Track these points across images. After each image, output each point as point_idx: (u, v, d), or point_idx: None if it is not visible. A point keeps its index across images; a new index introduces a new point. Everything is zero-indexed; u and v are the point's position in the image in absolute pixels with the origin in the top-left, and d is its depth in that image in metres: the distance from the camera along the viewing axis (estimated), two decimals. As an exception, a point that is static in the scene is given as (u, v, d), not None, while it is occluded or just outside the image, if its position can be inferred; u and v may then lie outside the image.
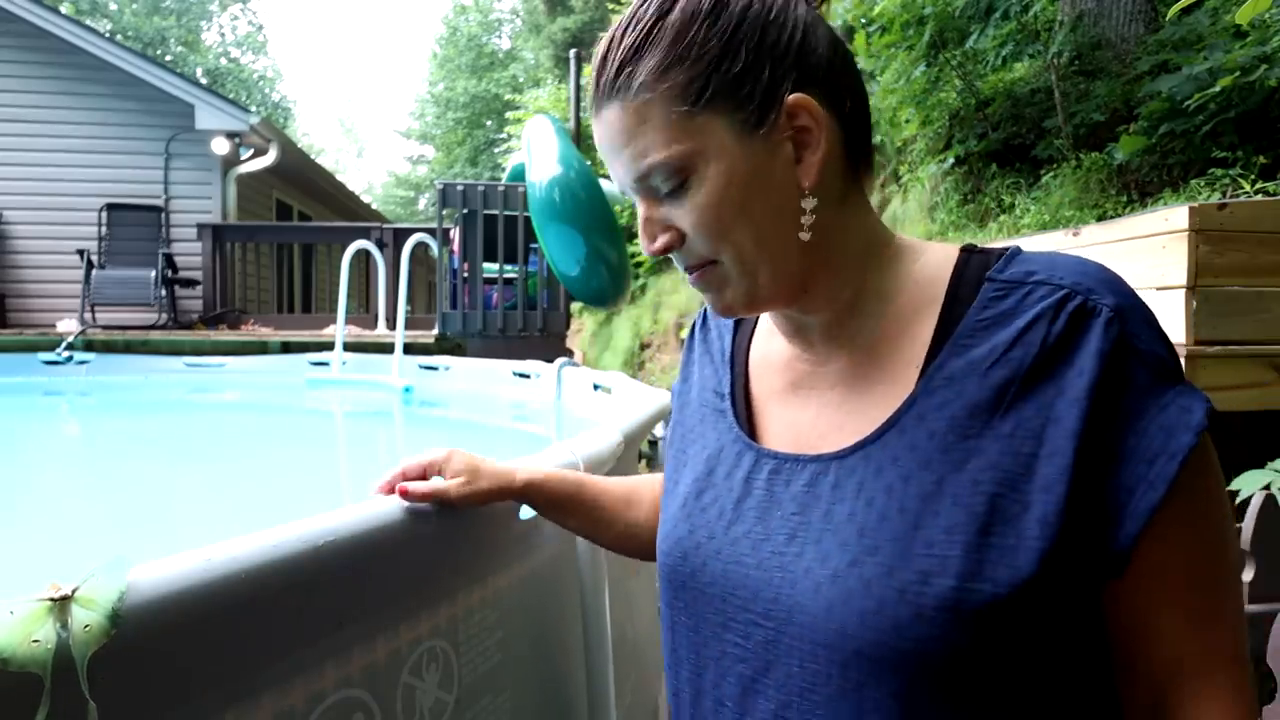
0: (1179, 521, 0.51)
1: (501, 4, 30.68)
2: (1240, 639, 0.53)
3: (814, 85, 0.56)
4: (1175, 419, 0.50)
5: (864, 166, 0.60)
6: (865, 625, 0.52)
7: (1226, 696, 0.51)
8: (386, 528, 0.73)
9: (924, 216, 5.70)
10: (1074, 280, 0.53)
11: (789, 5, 0.57)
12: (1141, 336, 0.52)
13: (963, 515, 0.51)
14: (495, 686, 0.92)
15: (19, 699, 0.45)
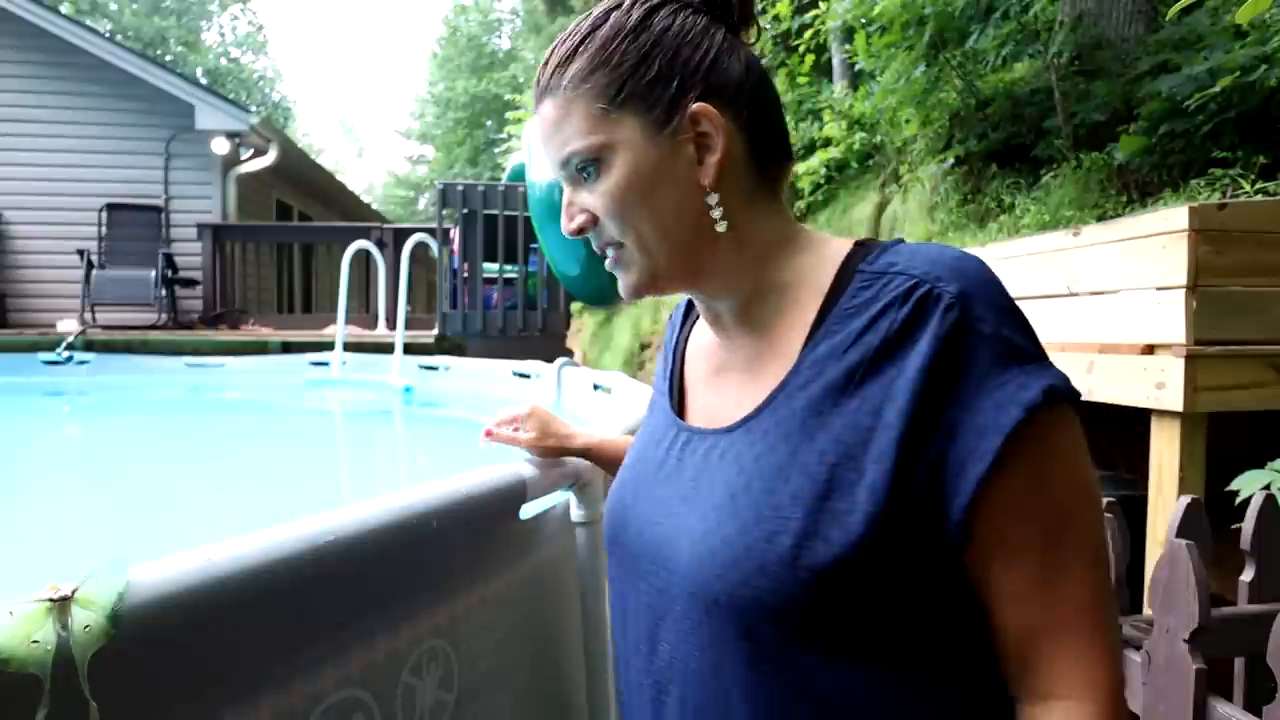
0: (1013, 492, 0.54)
1: (501, 4, 30.68)
2: (1097, 601, 0.55)
3: (719, 98, 0.63)
4: (1008, 396, 0.54)
5: (773, 170, 0.67)
6: (720, 577, 0.59)
7: (1078, 656, 0.55)
8: (386, 528, 0.73)
9: (924, 216, 5.70)
10: (924, 270, 0.58)
11: (706, 31, 0.65)
12: (985, 320, 0.55)
13: (807, 483, 0.57)
14: (495, 686, 0.92)
15: (20, 699, 0.45)
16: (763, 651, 0.58)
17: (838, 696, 0.58)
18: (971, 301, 0.56)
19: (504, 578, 0.97)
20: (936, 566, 0.57)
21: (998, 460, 0.53)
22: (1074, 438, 0.56)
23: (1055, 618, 0.55)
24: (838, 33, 7.80)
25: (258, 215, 9.21)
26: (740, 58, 0.65)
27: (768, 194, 0.67)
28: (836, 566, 0.55)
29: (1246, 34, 3.67)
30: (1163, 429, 2.19)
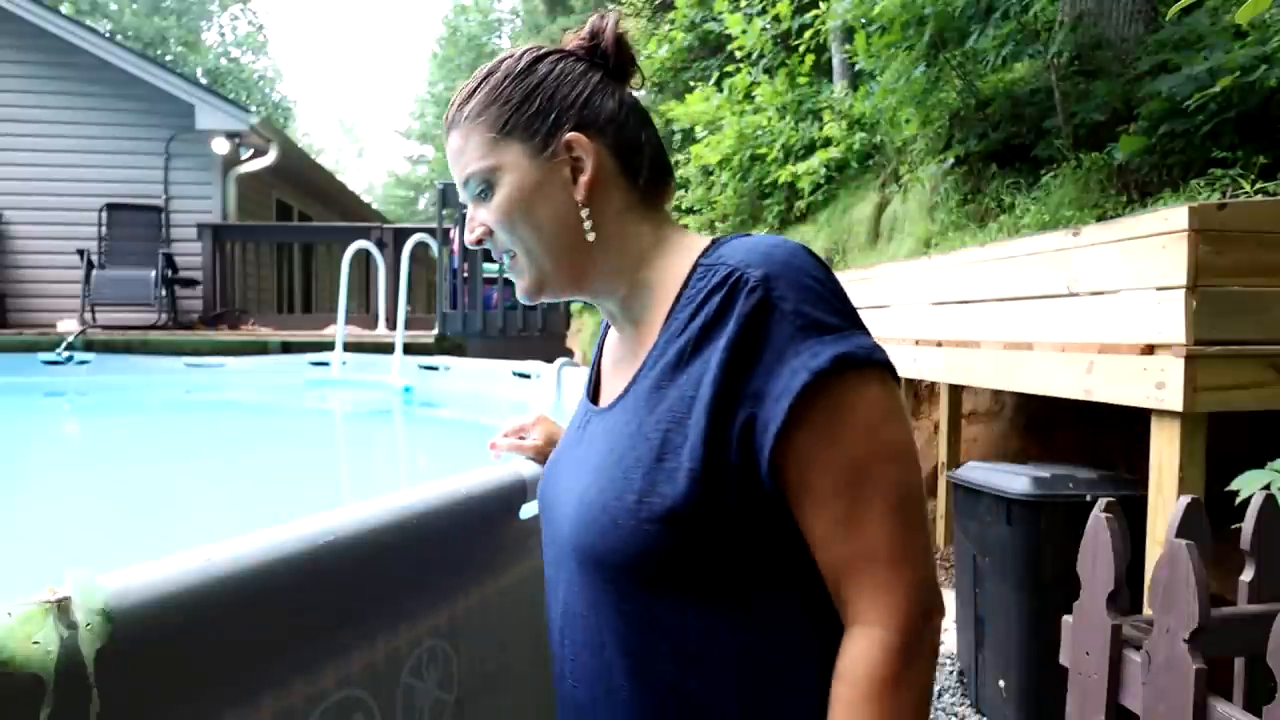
0: (808, 447, 0.63)
1: (501, 4, 30.68)
2: (896, 543, 0.63)
3: (591, 128, 0.75)
4: (802, 364, 0.62)
5: (649, 185, 0.78)
6: (588, 533, 0.69)
7: (878, 589, 0.63)
8: (386, 528, 0.73)
9: (924, 216, 5.70)
10: (739, 259, 0.67)
11: (584, 75, 0.77)
12: (787, 299, 0.64)
13: (646, 447, 0.67)
14: (495, 686, 0.92)
15: (22, 700, 0.45)
16: (624, 598, 0.68)
17: (692, 635, 0.67)
18: (774, 283, 0.64)
19: (504, 578, 0.97)
20: (765, 516, 0.66)
21: (792, 420, 0.62)
22: (871, 399, 0.64)
23: (857, 556, 0.63)
24: (838, 33, 7.80)
25: (258, 215, 9.21)
26: (615, 97, 0.78)
27: (644, 206, 0.78)
28: (669, 518, 0.64)
29: (1246, 34, 3.67)
30: (1163, 429, 2.19)
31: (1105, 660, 1.32)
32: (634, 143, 0.78)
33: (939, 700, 2.78)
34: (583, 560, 0.70)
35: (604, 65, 0.79)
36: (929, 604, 0.64)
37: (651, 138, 0.79)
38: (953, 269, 3.34)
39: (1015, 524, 2.46)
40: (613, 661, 0.70)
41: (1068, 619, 1.46)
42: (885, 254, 5.92)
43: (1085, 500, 2.37)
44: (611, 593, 0.69)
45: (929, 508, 4.58)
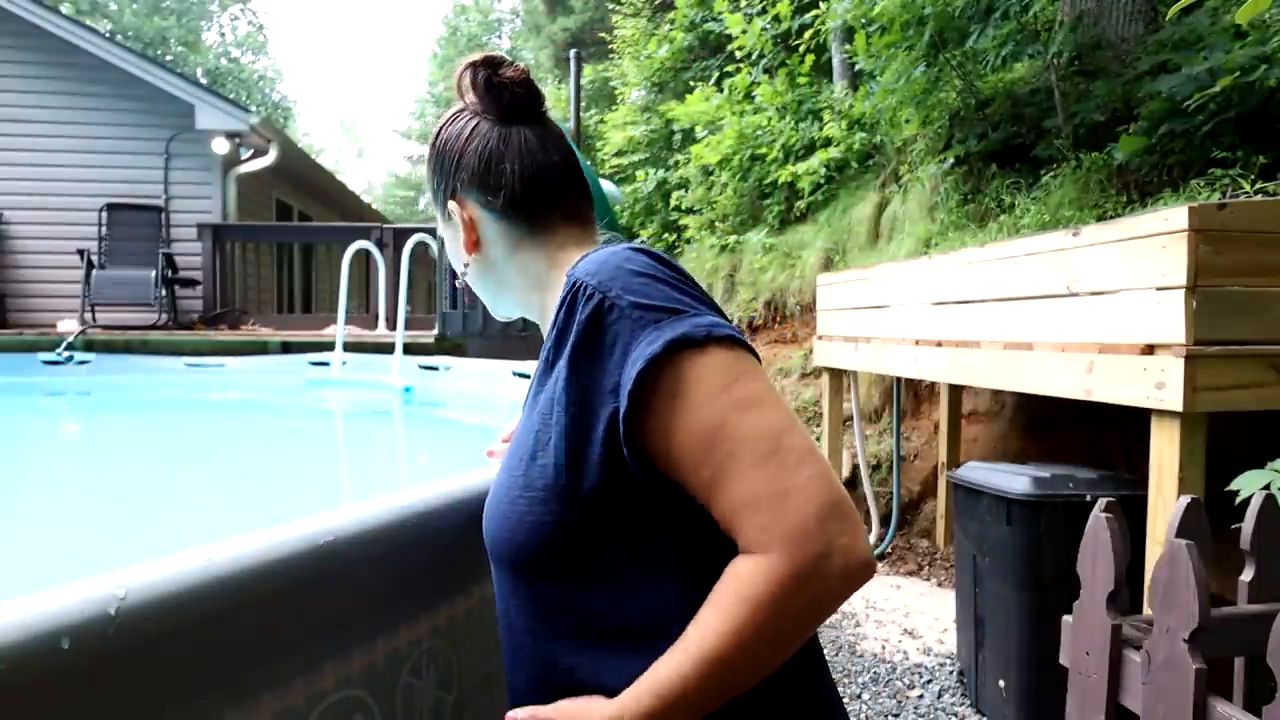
0: (660, 425, 0.67)
1: (501, 4, 30.68)
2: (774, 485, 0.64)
3: (466, 188, 0.86)
4: (639, 354, 0.66)
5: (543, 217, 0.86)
6: (486, 523, 0.77)
7: (761, 533, 0.64)
8: (386, 528, 0.73)
9: (924, 216, 5.70)
10: (582, 269, 0.73)
11: (470, 132, 0.87)
12: (622, 297, 0.69)
13: (525, 445, 0.74)
14: (495, 686, 0.92)
15: (21, 700, 0.45)
16: (517, 583, 0.75)
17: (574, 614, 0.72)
18: (608, 285, 0.70)
19: (504, 578, 0.97)
20: (641, 499, 0.70)
21: (640, 406, 0.66)
22: (713, 368, 0.67)
23: (739, 506, 0.65)
24: (838, 33, 7.80)
25: (258, 215, 9.21)
26: (494, 142, 0.85)
27: (536, 237, 0.86)
28: (541, 508, 0.71)
29: (1246, 34, 3.67)
30: (1163, 429, 2.19)
31: (1105, 660, 1.32)
32: (509, 182, 0.85)
33: (939, 700, 2.78)
34: (489, 550, 0.78)
35: (491, 114, 0.87)
36: (819, 541, 0.62)
37: (537, 172, 0.86)
38: (953, 269, 3.34)
39: (1015, 524, 2.46)
40: (520, 642, 0.76)
41: (1068, 619, 1.46)
42: (885, 254, 5.92)
43: (1085, 500, 2.37)
44: (509, 579, 0.76)
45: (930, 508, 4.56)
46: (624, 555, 0.71)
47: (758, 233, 7.95)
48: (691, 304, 0.70)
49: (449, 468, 0.96)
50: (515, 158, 0.86)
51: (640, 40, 12.29)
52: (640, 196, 11.24)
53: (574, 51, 6.45)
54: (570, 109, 6.49)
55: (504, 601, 0.78)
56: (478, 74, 0.86)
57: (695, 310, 0.69)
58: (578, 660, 0.72)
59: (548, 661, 0.73)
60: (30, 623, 0.46)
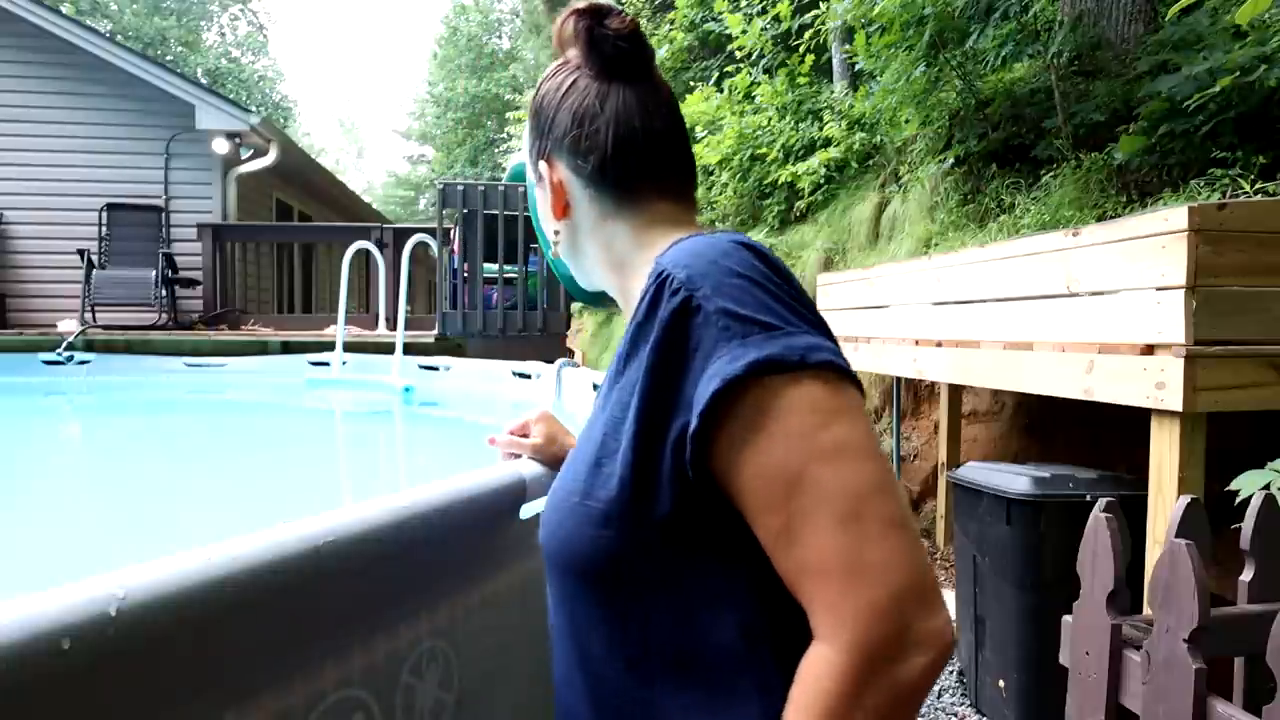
0: (731, 455, 0.59)
1: (501, 4, 30.67)
2: (844, 558, 0.55)
3: (559, 151, 0.80)
4: (717, 370, 0.59)
5: (632, 192, 0.78)
6: (544, 529, 0.72)
7: (829, 606, 0.56)
8: (386, 528, 0.73)
9: (924, 216, 5.70)
10: (671, 259, 0.66)
11: (570, 88, 0.79)
12: (711, 299, 0.61)
13: (590, 450, 0.68)
14: (495, 687, 0.92)
15: (20, 699, 0.45)
16: (574, 594, 0.70)
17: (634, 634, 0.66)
18: (698, 283, 0.62)
19: (504, 578, 0.97)
20: (711, 521, 0.62)
21: (710, 428, 0.59)
22: (803, 401, 0.58)
23: (805, 570, 0.57)
24: (838, 33, 7.80)
25: (258, 215, 9.21)
26: (592, 104, 0.78)
27: (623, 210, 0.79)
28: (604, 521, 0.64)
29: (1246, 34, 3.67)
30: (1163, 429, 2.19)
31: (1105, 660, 1.32)
32: (601, 148, 0.77)
33: (939, 700, 2.78)
34: (545, 556, 0.73)
35: (584, 67, 0.79)
36: (895, 625, 0.54)
37: (622, 136, 0.77)
38: (953, 269, 3.34)
39: (1015, 524, 2.46)
40: (571, 655, 0.71)
41: (1068, 619, 1.46)
42: (885, 254, 5.92)
43: (1085, 500, 2.37)
44: (566, 588, 0.71)
45: (930, 508, 4.56)
46: (689, 580, 0.64)
47: (758, 233, 7.95)
48: (791, 318, 0.61)
49: (449, 468, 0.96)
50: (610, 120, 0.77)
51: (640, 40, 12.26)
52: (640, 196, 11.23)
53: (574, 51, 6.45)
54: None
55: (556, 609, 0.73)
56: (579, 24, 0.78)
57: (793, 326, 0.60)
58: (627, 682, 0.66)
59: (599, 677, 0.68)
60: (30, 623, 0.46)
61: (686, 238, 0.70)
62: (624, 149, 0.77)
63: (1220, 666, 1.27)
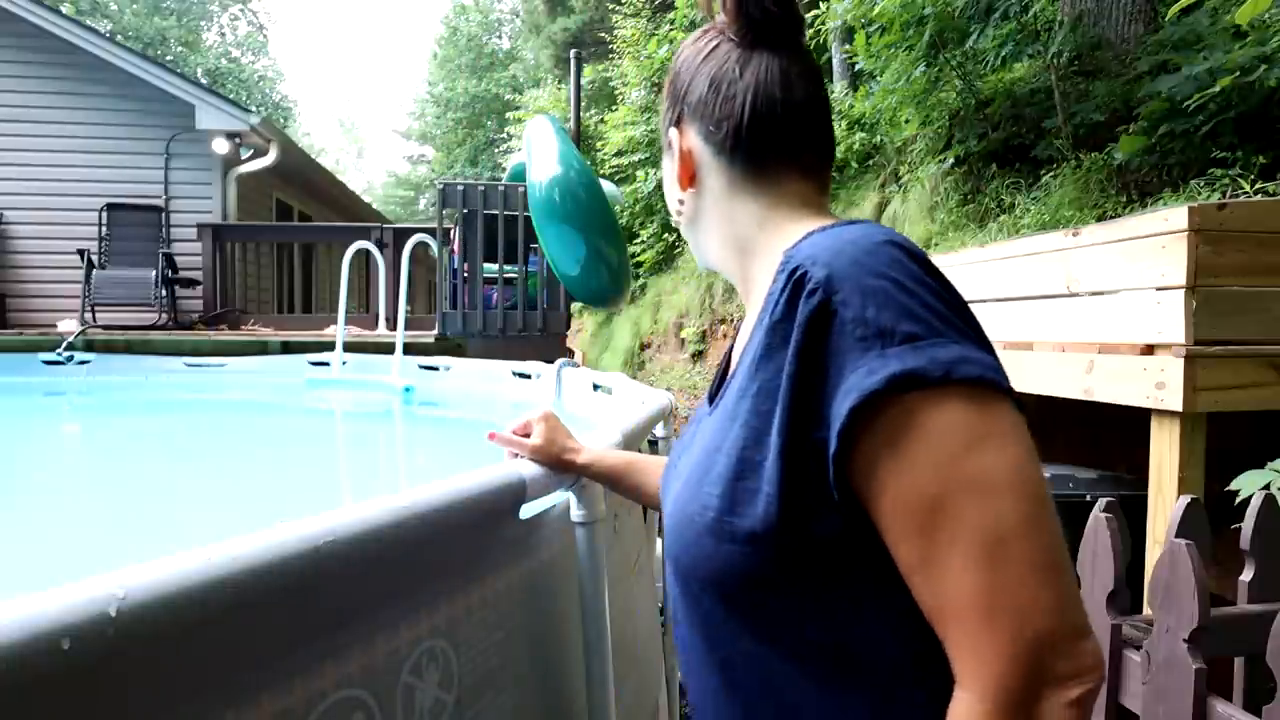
0: (872, 478, 0.55)
1: (501, 4, 30.69)
2: (986, 599, 0.52)
3: (692, 118, 0.76)
4: (855, 383, 0.54)
5: (764, 168, 0.73)
6: (674, 541, 0.66)
7: (969, 649, 0.52)
8: (386, 527, 0.73)
9: (924, 216, 5.70)
10: (807, 254, 0.60)
11: (707, 54, 0.75)
12: (849, 304, 0.56)
13: (726, 464, 0.62)
14: (495, 686, 0.92)
15: (21, 700, 0.45)
16: (700, 608, 0.66)
17: (778, 658, 0.62)
18: (836, 284, 0.56)
19: (504, 578, 0.97)
20: (858, 540, 0.58)
21: (849, 446, 0.55)
22: (948, 422, 0.53)
23: (944, 607, 0.54)
24: (838, 33, 7.80)
25: (258, 215, 9.20)
26: (732, 69, 0.73)
27: (751, 186, 0.73)
28: (750, 539, 0.59)
29: (1246, 34, 3.67)
30: (1163, 429, 2.19)
31: (1105, 660, 1.32)
32: (736, 119, 0.72)
33: (939, 700, 2.78)
34: (675, 569, 0.68)
35: (728, 33, 0.75)
36: (1039, 671, 0.51)
37: (759, 109, 0.72)
38: (953, 269, 3.34)
39: (1015, 524, 2.45)
40: (703, 667, 0.68)
41: (1068, 619, 1.46)
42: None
43: (1085, 500, 2.37)
44: (690, 603, 0.67)
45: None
46: (842, 599, 0.60)
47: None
48: (940, 325, 0.55)
49: (449, 468, 0.96)
50: (749, 87, 0.72)
51: (640, 40, 12.29)
52: (640, 196, 11.24)
53: (574, 51, 6.45)
54: (570, 109, 6.49)
55: (686, 621, 0.69)
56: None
57: (944, 336, 0.55)
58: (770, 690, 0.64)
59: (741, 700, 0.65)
60: (30, 623, 0.46)
61: (821, 229, 0.64)
62: (760, 120, 0.72)
63: (1220, 666, 1.27)
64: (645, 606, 1.73)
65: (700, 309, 8.74)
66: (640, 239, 11.31)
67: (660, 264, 11.09)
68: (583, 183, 4.48)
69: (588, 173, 4.58)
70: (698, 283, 8.89)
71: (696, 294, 8.87)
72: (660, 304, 10.28)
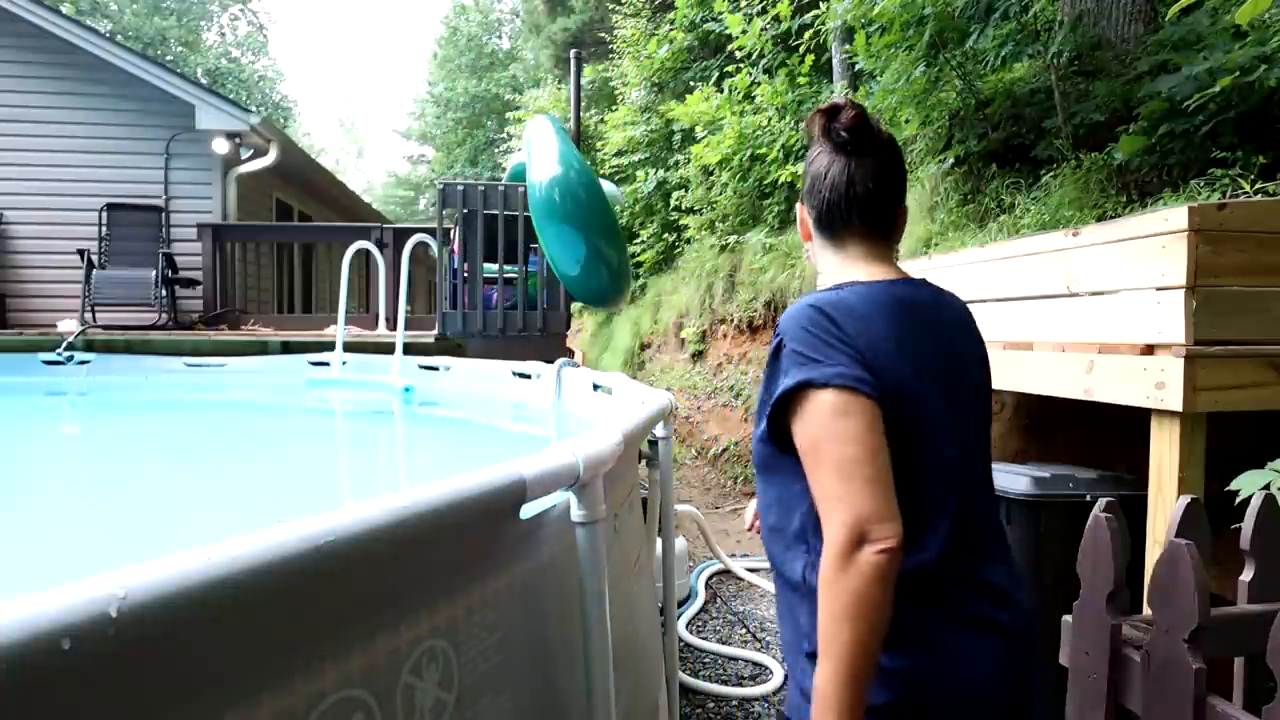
0: (790, 429, 1.08)
1: (501, 4, 30.69)
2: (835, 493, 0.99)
3: (805, 201, 1.25)
4: (786, 381, 1.06)
5: (838, 232, 1.21)
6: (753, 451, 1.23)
7: (824, 522, 1.00)
8: (387, 528, 0.73)
9: (924, 216, 5.70)
10: (784, 316, 1.13)
11: (808, 160, 1.24)
12: (787, 343, 1.09)
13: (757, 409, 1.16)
14: (495, 686, 0.92)
15: (21, 700, 0.45)
16: (758, 485, 1.24)
17: (780, 493, 1.16)
18: (783, 333, 1.10)
19: (504, 578, 0.97)
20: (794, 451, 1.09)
21: (778, 412, 1.09)
22: (823, 405, 1.02)
23: (816, 495, 1.03)
24: (838, 33, 7.80)
25: (258, 215, 9.20)
26: (819, 172, 1.20)
27: (834, 247, 1.22)
28: (759, 441, 1.17)
29: (1246, 34, 3.67)
30: (1163, 429, 2.19)
31: (1105, 660, 1.32)
32: (820, 203, 1.20)
33: (939, 700, 2.78)
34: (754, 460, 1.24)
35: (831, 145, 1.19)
36: (860, 536, 0.95)
37: (832, 197, 1.18)
38: (953, 269, 3.34)
39: (1015, 524, 2.46)
40: (763, 507, 1.23)
41: (1068, 619, 1.46)
42: (885, 254, 5.91)
43: (1085, 500, 2.37)
44: (758, 484, 1.23)
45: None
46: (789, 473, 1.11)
47: (758, 233, 7.95)
48: (830, 353, 1.04)
49: (449, 468, 0.96)
50: (827, 186, 1.18)
51: (640, 40, 12.28)
52: (640, 196, 11.24)
53: (574, 51, 6.45)
54: (570, 109, 6.49)
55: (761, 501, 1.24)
56: (820, 120, 1.19)
57: (828, 361, 1.03)
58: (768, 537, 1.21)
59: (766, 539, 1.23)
60: (30, 623, 0.46)
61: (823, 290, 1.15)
62: (832, 208, 1.19)
63: (1220, 666, 1.27)
64: (645, 606, 1.73)
65: (700, 309, 8.74)
66: (640, 239, 11.31)
67: (660, 264, 11.08)
68: (583, 183, 4.48)
69: (588, 173, 4.58)
70: (698, 283, 8.88)
71: (696, 294, 8.87)
72: (660, 304, 10.28)
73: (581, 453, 1.08)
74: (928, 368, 1.09)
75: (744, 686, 2.91)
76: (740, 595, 3.94)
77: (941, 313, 1.16)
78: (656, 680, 1.79)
